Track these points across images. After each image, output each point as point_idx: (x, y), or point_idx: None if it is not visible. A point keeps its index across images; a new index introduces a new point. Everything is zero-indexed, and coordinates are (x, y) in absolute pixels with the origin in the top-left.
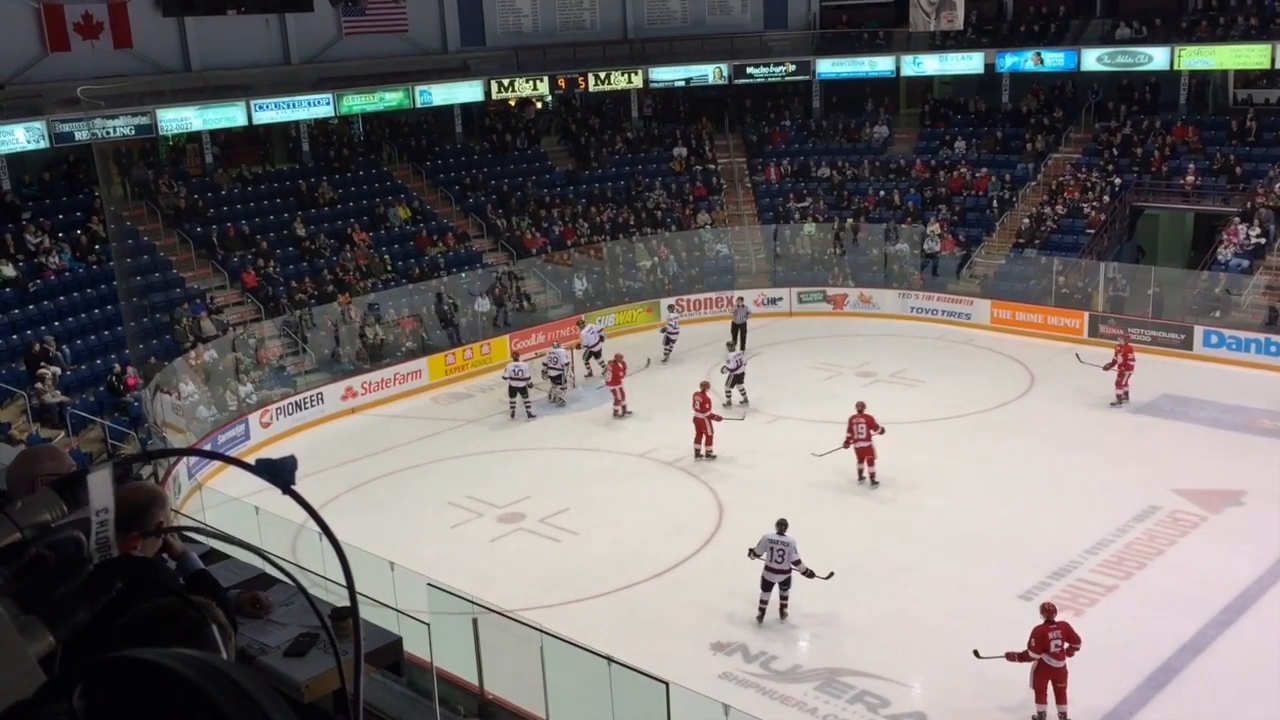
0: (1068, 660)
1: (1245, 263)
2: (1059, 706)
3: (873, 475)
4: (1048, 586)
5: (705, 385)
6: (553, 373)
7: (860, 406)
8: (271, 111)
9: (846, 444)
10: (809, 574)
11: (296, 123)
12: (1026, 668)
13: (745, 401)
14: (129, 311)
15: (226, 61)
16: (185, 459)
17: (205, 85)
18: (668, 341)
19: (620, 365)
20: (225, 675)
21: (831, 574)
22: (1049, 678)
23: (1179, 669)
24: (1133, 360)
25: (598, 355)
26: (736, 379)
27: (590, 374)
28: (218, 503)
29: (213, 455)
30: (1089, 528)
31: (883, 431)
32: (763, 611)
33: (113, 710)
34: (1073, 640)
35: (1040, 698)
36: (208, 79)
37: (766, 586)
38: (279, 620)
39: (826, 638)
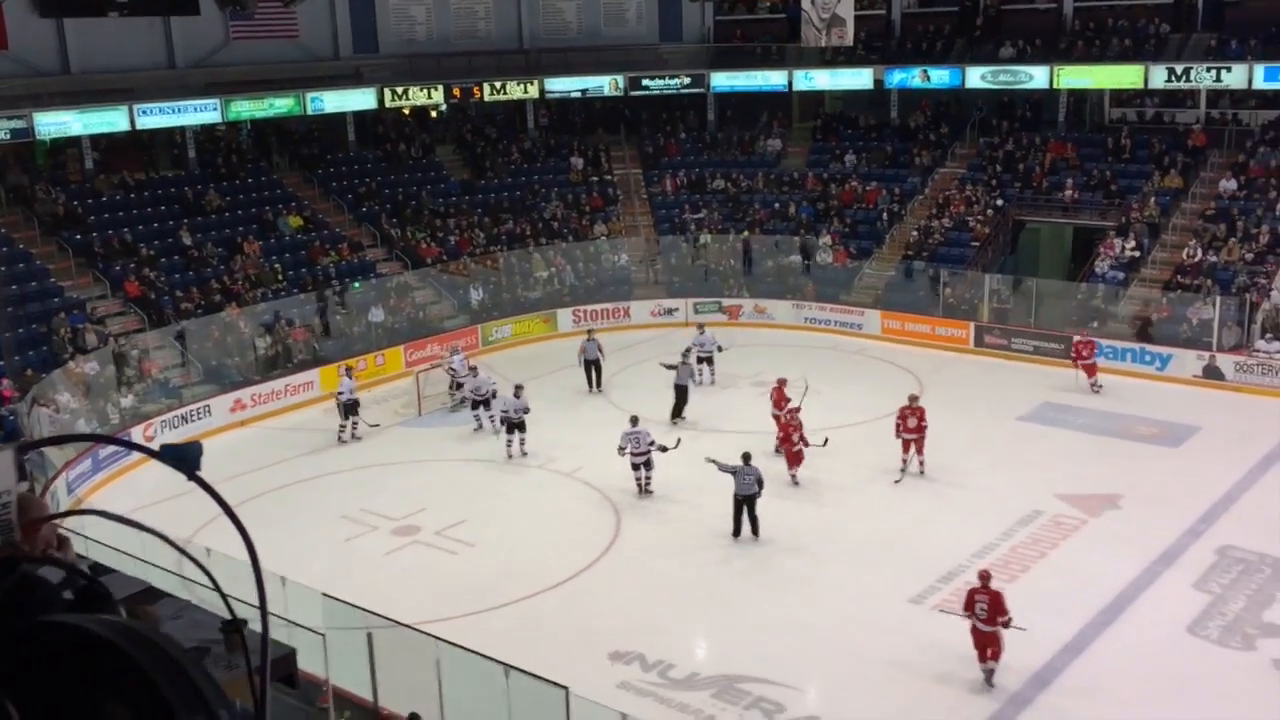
0: (1000, 630)
1: (1121, 275)
2: (991, 663)
3: (921, 463)
4: (937, 590)
5: (782, 382)
6: (460, 379)
7: (913, 399)
8: (156, 116)
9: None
10: (663, 449)
11: (182, 128)
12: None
13: (714, 381)
14: (4, 321)
15: (108, 65)
16: (64, 473)
17: (85, 89)
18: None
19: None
20: (147, 639)
21: (679, 442)
22: (979, 640)
23: (1061, 668)
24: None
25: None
26: (706, 359)
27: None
28: (97, 519)
29: (115, 441)
30: (976, 532)
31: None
32: (639, 486)
33: (32, 677)
34: (999, 611)
35: (980, 657)
36: (87, 82)
37: (635, 468)
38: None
39: (723, 645)
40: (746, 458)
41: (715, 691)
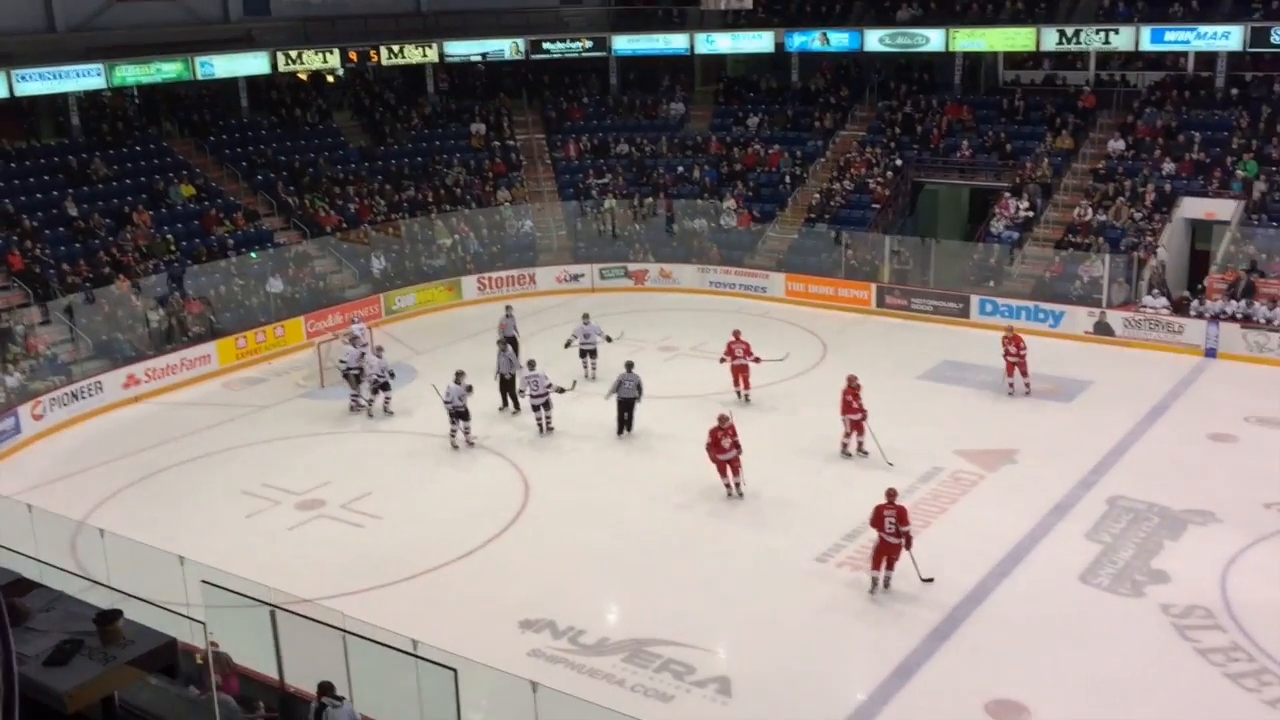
0: (903, 542)
1: (1015, 235)
2: (886, 572)
3: (860, 444)
4: (841, 548)
5: (737, 333)
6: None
7: (852, 380)
8: (35, 83)
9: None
10: (560, 390)
11: (64, 95)
12: None
13: (594, 377)
14: None
15: None
16: None
17: None
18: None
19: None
20: None
21: (575, 383)
22: (884, 553)
23: (961, 619)
24: (1023, 351)
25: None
26: (589, 351)
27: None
28: None
29: None
30: (878, 490)
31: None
32: (540, 425)
33: None
34: (903, 522)
35: (874, 564)
36: None
37: (535, 409)
38: (38, 627)
39: (632, 609)
40: (629, 365)
41: (626, 656)
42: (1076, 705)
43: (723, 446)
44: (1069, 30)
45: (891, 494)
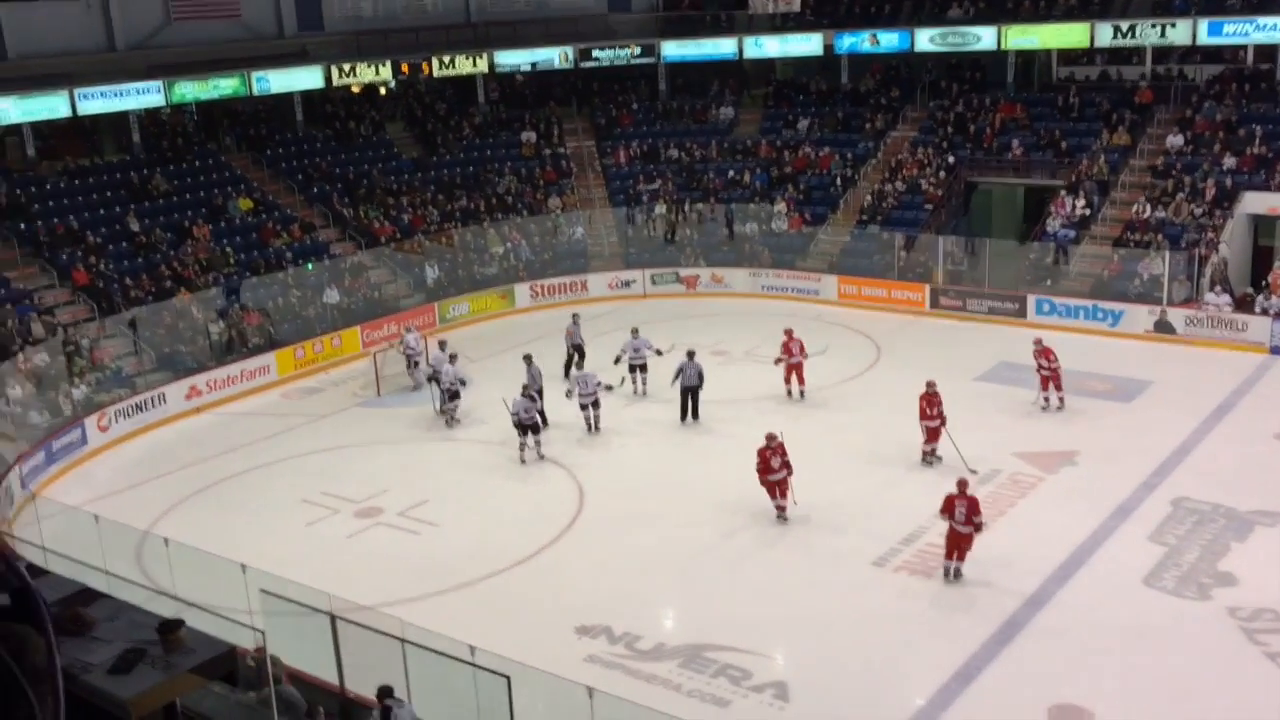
0: (974, 531)
1: (1072, 233)
2: (958, 563)
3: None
4: (899, 552)
5: (790, 331)
6: (416, 357)
7: (930, 385)
8: (98, 101)
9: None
10: (609, 387)
11: (125, 112)
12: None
13: (645, 393)
14: None
15: (45, 49)
16: (18, 466)
17: (23, 74)
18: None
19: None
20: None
21: (624, 380)
22: (955, 541)
23: (1023, 623)
24: (1055, 364)
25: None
26: (639, 366)
27: (418, 385)
28: (53, 513)
29: None
30: (936, 494)
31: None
32: (589, 424)
33: None
34: (974, 513)
35: (947, 555)
36: (25, 68)
37: (584, 408)
38: (102, 637)
39: (689, 615)
40: (690, 354)
41: (682, 661)
42: (1141, 711)
43: (772, 467)
44: (1124, 25)
45: (963, 484)
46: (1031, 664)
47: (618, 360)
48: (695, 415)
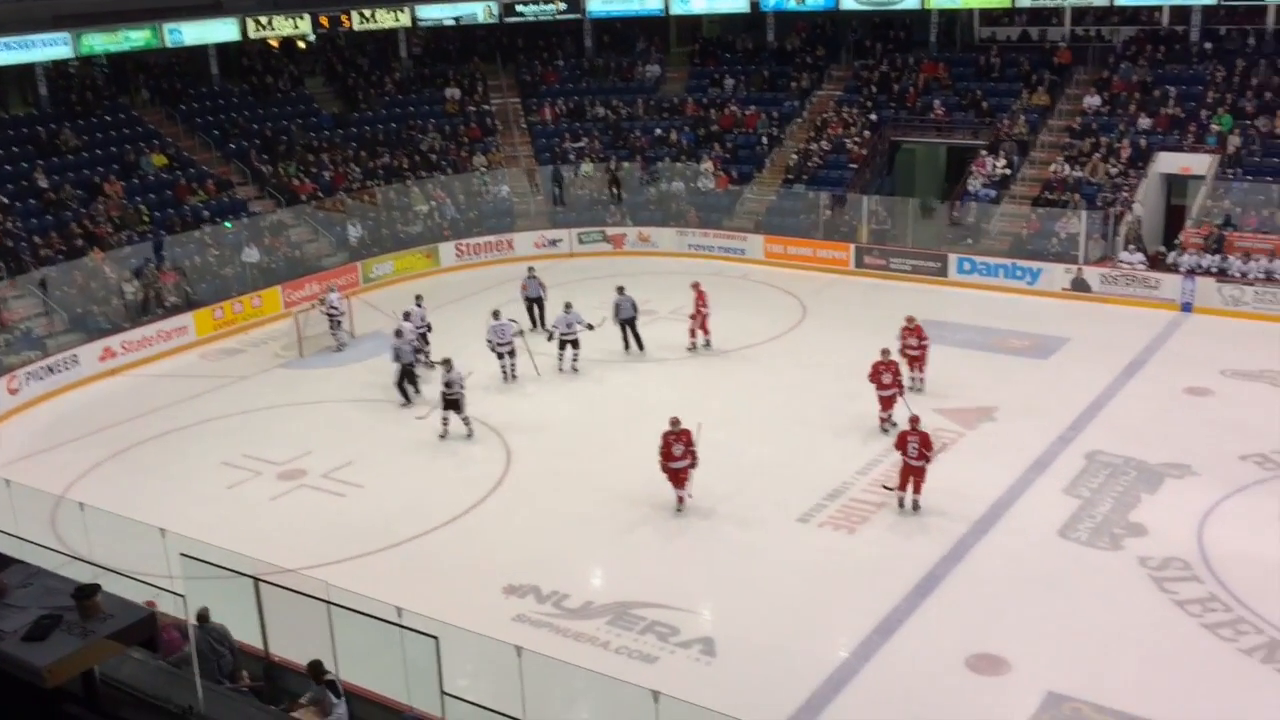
0: (925, 464)
1: (993, 193)
2: (914, 495)
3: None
4: (823, 508)
5: (697, 284)
6: (339, 317)
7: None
8: (1, 53)
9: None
10: (590, 327)
11: (31, 64)
12: None
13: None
14: None
15: None
16: None
17: None
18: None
19: None
20: None
21: (605, 320)
22: (908, 473)
23: (942, 576)
24: (925, 342)
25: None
26: (570, 341)
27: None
28: None
29: None
30: (858, 450)
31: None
32: (504, 373)
33: None
34: (927, 447)
35: (900, 485)
36: None
37: (500, 357)
38: (16, 603)
39: (616, 573)
40: (620, 289)
41: (610, 619)
42: (1056, 658)
43: (674, 454)
44: None
45: (914, 420)
46: (950, 615)
47: (550, 337)
48: (640, 345)
